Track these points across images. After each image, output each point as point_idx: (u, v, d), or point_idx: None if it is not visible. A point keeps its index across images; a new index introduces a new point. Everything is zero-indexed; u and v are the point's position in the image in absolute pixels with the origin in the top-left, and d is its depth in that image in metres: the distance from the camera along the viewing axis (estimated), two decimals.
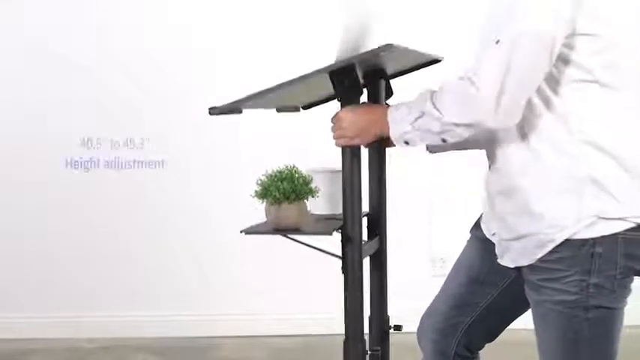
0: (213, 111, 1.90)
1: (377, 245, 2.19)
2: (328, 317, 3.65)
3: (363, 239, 1.96)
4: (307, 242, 2.02)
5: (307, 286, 4.06)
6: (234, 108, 1.92)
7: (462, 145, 2.17)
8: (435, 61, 2.24)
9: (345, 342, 1.95)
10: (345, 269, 1.92)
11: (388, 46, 1.77)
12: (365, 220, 2.21)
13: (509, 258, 1.87)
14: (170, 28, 4.11)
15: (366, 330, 2.22)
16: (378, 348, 2.18)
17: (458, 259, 2.11)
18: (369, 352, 2.03)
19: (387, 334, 2.26)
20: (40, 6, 4.12)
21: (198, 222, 4.21)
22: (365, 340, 1.99)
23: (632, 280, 1.78)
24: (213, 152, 4.14)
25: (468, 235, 2.12)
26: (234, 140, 4.10)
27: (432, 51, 2.16)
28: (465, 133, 1.75)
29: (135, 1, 4.15)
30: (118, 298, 4.23)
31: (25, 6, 4.12)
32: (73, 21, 4.13)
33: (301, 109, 2.38)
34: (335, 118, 1.92)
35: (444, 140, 1.78)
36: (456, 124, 1.73)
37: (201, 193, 4.18)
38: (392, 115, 1.86)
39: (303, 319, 4.10)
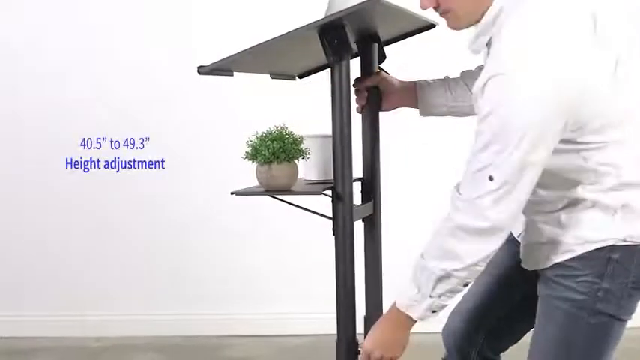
0: (202, 70, 1.87)
1: (371, 209, 2.16)
2: (334, 317, 3.64)
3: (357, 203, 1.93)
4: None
5: (314, 285, 4.02)
6: (223, 67, 1.89)
7: (458, 113, 2.15)
8: (430, 26, 2.22)
9: (338, 341, 1.94)
10: (335, 230, 1.89)
11: (375, 1, 1.74)
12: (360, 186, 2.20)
13: (531, 261, 1.85)
14: (170, 28, 4.12)
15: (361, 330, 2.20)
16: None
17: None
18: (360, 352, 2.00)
19: None
20: (39, 5, 4.13)
21: (200, 221, 4.19)
22: (357, 341, 1.96)
23: (639, 298, 1.76)
24: (213, 152, 4.12)
25: None
26: (235, 140, 4.07)
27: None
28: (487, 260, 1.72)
29: (135, 1, 4.15)
30: (125, 297, 4.22)
31: (25, 5, 4.13)
32: (72, 21, 4.14)
33: (297, 77, 2.37)
34: (364, 354, 1.89)
35: (466, 285, 1.76)
36: (479, 262, 1.69)
37: (202, 192, 4.16)
38: (405, 302, 1.79)
39: (310, 318, 4.06)
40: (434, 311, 1.78)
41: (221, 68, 1.89)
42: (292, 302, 4.14)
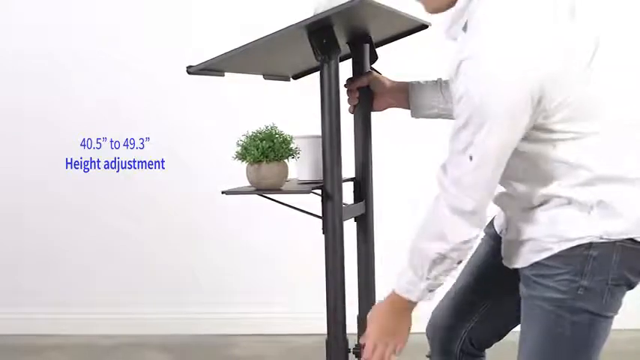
0: (191, 69, 1.88)
1: (362, 208, 2.17)
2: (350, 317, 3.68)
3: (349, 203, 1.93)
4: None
5: (320, 285, 4.03)
6: (213, 67, 1.90)
7: (450, 116, 2.15)
8: (422, 27, 2.22)
9: (328, 341, 1.96)
10: (325, 229, 1.89)
11: (361, 1, 1.74)
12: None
13: (512, 259, 1.84)
14: (170, 28, 4.13)
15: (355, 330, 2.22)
16: (359, 344, 2.15)
17: (471, 257, 2.09)
18: (351, 350, 2.02)
19: None
20: (40, 6, 4.15)
21: (201, 221, 4.20)
22: (347, 339, 1.98)
23: (623, 292, 1.75)
24: (213, 152, 4.13)
25: (482, 234, 2.09)
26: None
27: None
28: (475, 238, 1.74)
29: (135, 1, 4.16)
30: (131, 295, 4.25)
31: (25, 6, 4.15)
32: (72, 21, 4.15)
33: (292, 79, 2.37)
34: (369, 347, 1.91)
35: (460, 262, 1.78)
36: (469, 240, 1.72)
37: (202, 192, 4.16)
38: (404, 287, 1.83)
39: (316, 318, 4.05)
40: (431, 291, 1.81)
41: (210, 68, 1.90)
42: (298, 302, 4.14)
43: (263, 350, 3.98)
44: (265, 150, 1.92)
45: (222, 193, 1.98)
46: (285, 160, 1.98)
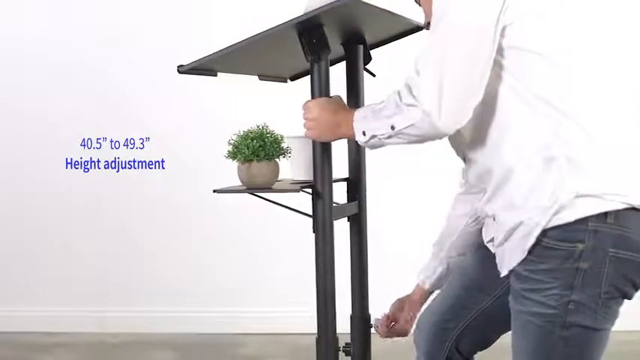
0: (182, 69, 1.88)
1: (355, 208, 2.17)
2: (345, 316, 3.68)
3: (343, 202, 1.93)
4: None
5: None
6: (203, 67, 1.90)
7: None
8: (417, 28, 2.21)
9: (318, 339, 1.94)
10: (315, 228, 1.89)
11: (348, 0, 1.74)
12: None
13: (505, 265, 1.78)
14: (171, 28, 4.14)
15: (349, 330, 2.22)
16: (350, 342, 2.17)
17: (460, 264, 2.09)
18: (340, 349, 2.02)
19: (368, 331, 2.24)
20: (40, 7, 4.16)
21: (202, 221, 4.22)
22: (337, 337, 1.97)
23: (619, 303, 1.70)
24: (213, 152, 4.12)
25: None
26: None
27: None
28: (409, 124, 1.69)
29: (135, 2, 4.18)
30: (131, 295, 4.27)
31: (25, 7, 4.16)
32: (73, 21, 4.17)
33: (289, 79, 2.37)
34: (305, 106, 1.88)
35: (392, 127, 1.72)
36: (409, 105, 1.67)
37: (202, 192, 4.16)
38: (357, 114, 1.81)
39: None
40: (364, 133, 1.78)
41: (201, 68, 1.90)
42: (304, 301, 4.14)
43: (269, 349, 4.00)
44: (256, 149, 1.92)
45: (214, 191, 1.99)
46: (277, 160, 1.98)
